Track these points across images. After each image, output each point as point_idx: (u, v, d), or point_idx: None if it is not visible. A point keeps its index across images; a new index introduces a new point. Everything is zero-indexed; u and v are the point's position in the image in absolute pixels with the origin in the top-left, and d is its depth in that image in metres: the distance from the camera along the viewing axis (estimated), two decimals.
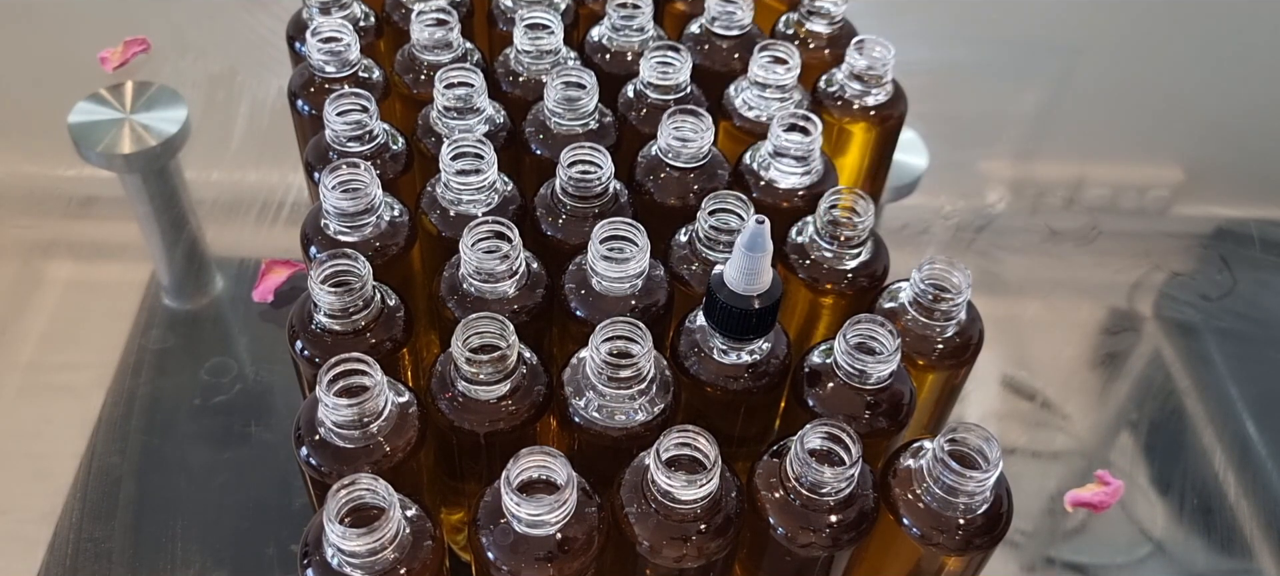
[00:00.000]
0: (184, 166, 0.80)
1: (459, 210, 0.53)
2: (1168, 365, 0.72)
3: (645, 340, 0.44)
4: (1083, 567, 0.62)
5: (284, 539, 0.59)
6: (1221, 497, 0.65)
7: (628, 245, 0.49)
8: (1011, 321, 0.74)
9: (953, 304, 0.50)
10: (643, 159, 0.56)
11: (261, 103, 0.86)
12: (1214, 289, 0.77)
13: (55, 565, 0.58)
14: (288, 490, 0.61)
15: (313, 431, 0.45)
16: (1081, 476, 0.65)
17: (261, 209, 0.77)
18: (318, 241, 0.52)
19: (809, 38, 0.68)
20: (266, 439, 0.64)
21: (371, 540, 0.39)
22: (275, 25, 0.84)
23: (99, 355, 0.68)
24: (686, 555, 0.42)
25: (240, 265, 0.73)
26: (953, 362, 0.52)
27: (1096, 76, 0.98)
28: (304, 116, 0.60)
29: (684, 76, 0.58)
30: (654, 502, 0.42)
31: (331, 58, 0.59)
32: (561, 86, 0.56)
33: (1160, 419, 0.69)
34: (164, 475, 0.62)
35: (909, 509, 0.44)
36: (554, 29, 0.60)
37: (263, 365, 0.67)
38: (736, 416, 0.50)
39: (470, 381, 0.45)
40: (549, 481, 0.41)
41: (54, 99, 0.84)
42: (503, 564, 0.41)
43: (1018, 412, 0.68)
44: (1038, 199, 0.84)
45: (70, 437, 0.63)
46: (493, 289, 0.49)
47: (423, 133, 0.58)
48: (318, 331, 0.48)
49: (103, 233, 0.77)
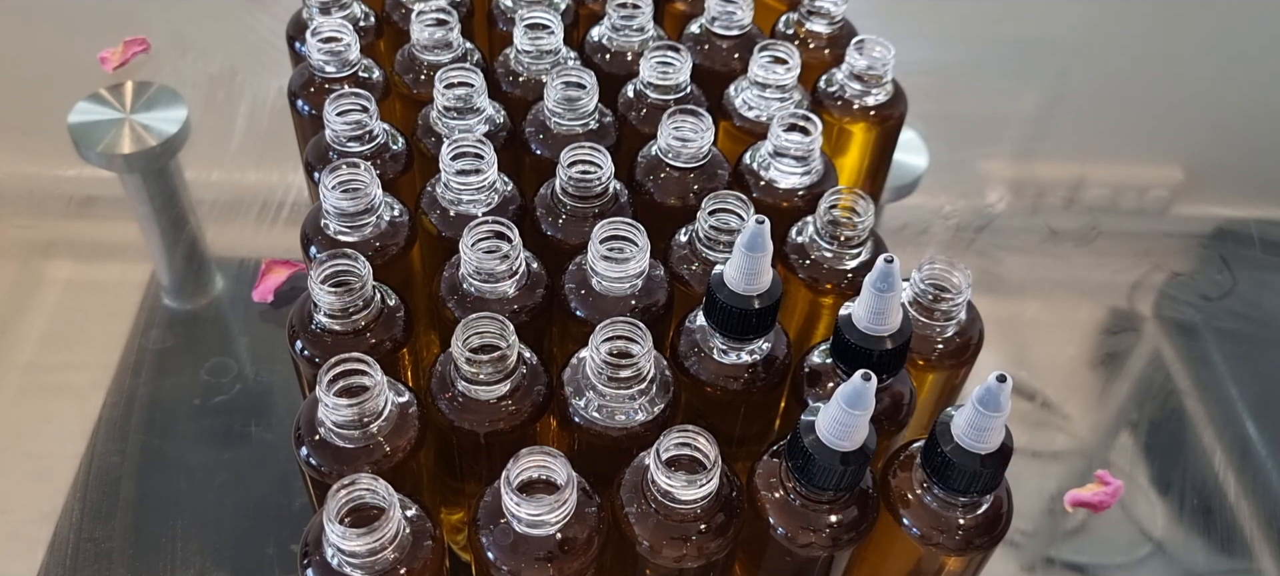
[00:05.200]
0: (184, 166, 0.80)
1: (459, 210, 0.53)
2: (1168, 365, 0.72)
3: (645, 340, 0.44)
4: (1083, 567, 0.62)
5: (284, 539, 0.59)
6: (1221, 497, 0.65)
7: (628, 245, 0.49)
8: (1011, 321, 0.74)
9: (953, 304, 0.50)
10: (643, 159, 0.56)
11: (261, 103, 0.86)
12: (1214, 289, 0.77)
13: (55, 565, 0.58)
14: (288, 490, 0.61)
15: (313, 431, 0.45)
16: (1081, 476, 0.65)
17: (261, 209, 0.77)
18: (318, 241, 0.52)
19: (809, 38, 0.68)
20: (266, 439, 0.64)
21: (371, 540, 0.39)
22: (275, 25, 0.84)
23: (99, 355, 0.68)
24: (686, 555, 0.42)
25: (240, 265, 0.73)
26: (953, 362, 0.52)
27: (1096, 76, 0.98)
28: (304, 116, 0.60)
29: (684, 76, 0.58)
30: (654, 502, 0.42)
31: (331, 58, 0.59)
32: (561, 86, 0.56)
33: (1160, 419, 0.69)
34: (164, 475, 0.62)
35: (909, 509, 0.44)
36: (554, 29, 0.60)
37: (263, 365, 0.67)
38: (736, 416, 0.50)
39: (470, 381, 0.45)
40: (549, 481, 0.41)
41: (54, 99, 0.84)
42: (503, 564, 0.41)
43: (1018, 412, 0.68)
44: (1038, 199, 0.84)
45: (70, 437, 0.63)
46: (493, 289, 0.49)
47: (423, 133, 0.58)
48: (318, 331, 0.48)
49: (103, 233, 0.77)
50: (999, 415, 0.39)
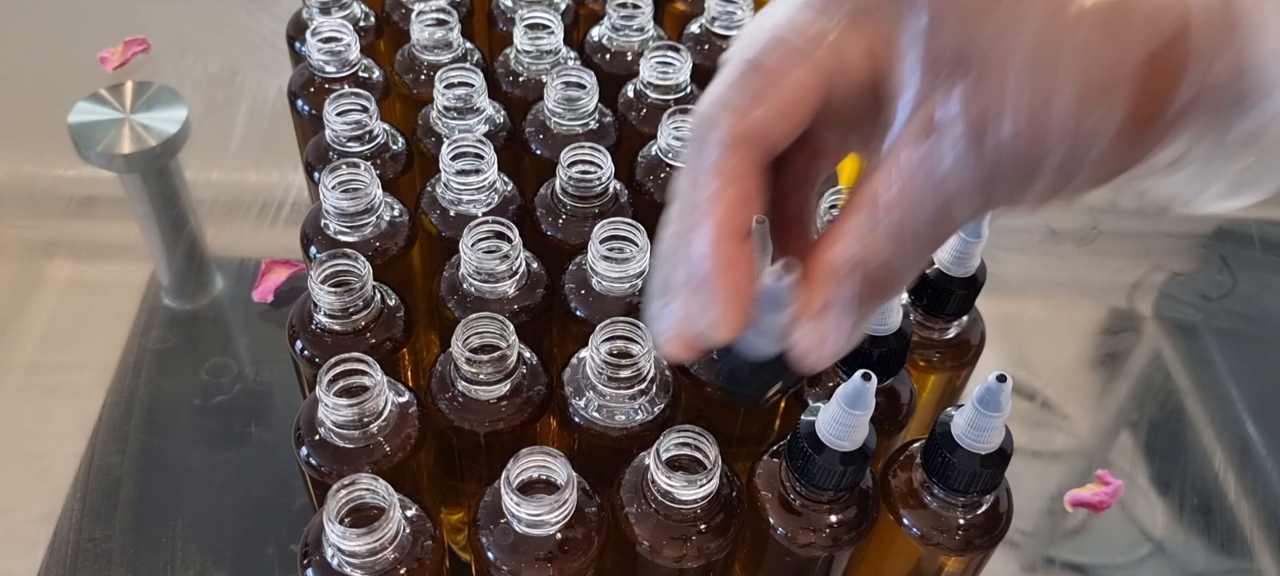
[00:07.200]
0: (184, 166, 0.80)
1: (459, 210, 0.53)
2: (1168, 365, 0.72)
3: (645, 340, 0.44)
4: (1083, 567, 0.62)
5: (284, 539, 0.59)
6: (1221, 497, 0.65)
7: (628, 245, 0.49)
8: (1011, 321, 0.74)
9: None
10: (643, 159, 0.56)
11: (261, 103, 0.86)
12: (1214, 289, 0.77)
13: (55, 565, 0.58)
14: (288, 490, 0.61)
15: (313, 431, 0.45)
16: (1081, 476, 0.65)
17: (261, 209, 0.77)
18: (318, 241, 0.52)
19: None
20: (266, 439, 0.64)
21: (371, 540, 0.39)
22: (275, 25, 0.84)
23: (99, 355, 0.68)
24: (686, 555, 0.42)
25: (240, 265, 0.73)
26: (954, 364, 0.52)
27: None
28: (304, 116, 0.60)
29: (684, 76, 0.58)
30: (654, 502, 0.42)
31: (331, 58, 0.59)
32: (561, 86, 0.56)
33: (1160, 419, 0.69)
34: (164, 475, 0.62)
35: (909, 509, 0.44)
36: (554, 29, 0.60)
37: (263, 365, 0.67)
38: (736, 416, 0.50)
39: (470, 381, 0.45)
40: (549, 481, 0.41)
41: (54, 99, 0.84)
42: (503, 564, 0.41)
43: (1018, 412, 0.68)
44: None
45: (70, 437, 0.63)
46: (493, 289, 0.49)
47: (423, 133, 0.58)
48: (318, 331, 0.48)
49: (103, 233, 0.77)
50: (999, 415, 0.39)
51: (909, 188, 0.27)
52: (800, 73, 0.27)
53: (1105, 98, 0.25)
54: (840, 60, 0.27)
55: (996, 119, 0.25)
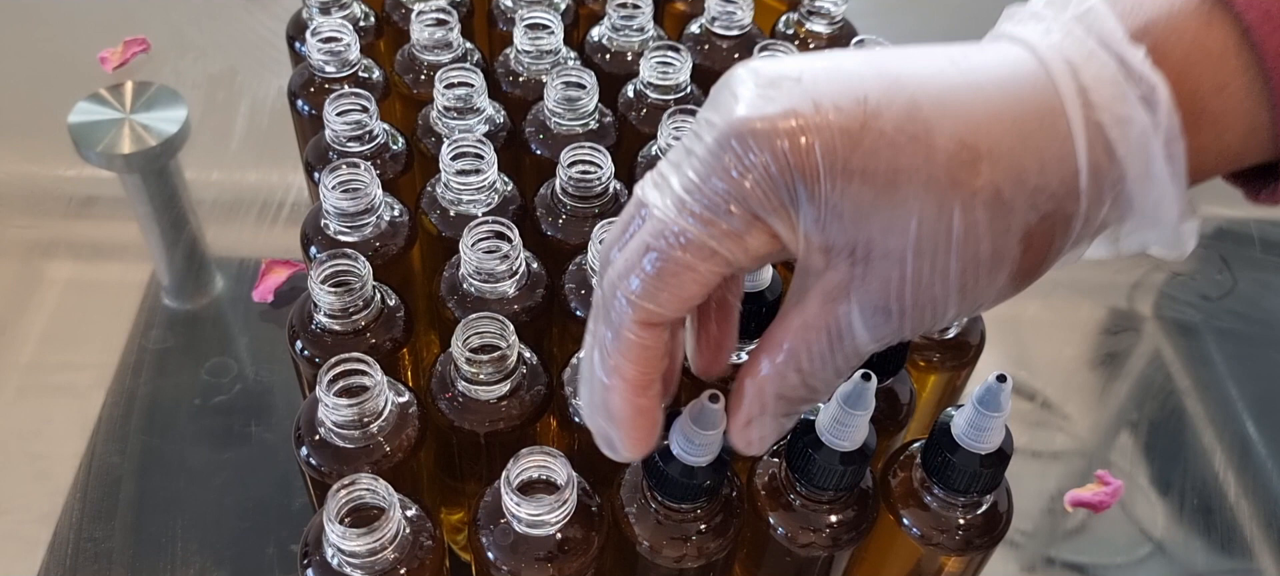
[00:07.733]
0: (184, 166, 0.80)
1: (459, 210, 0.53)
2: (1168, 365, 0.72)
3: None
4: (1083, 567, 0.62)
5: (284, 539, 0.59)
6: (1221, 497, 0.65)
7: None
8: (1011, 321, 0.74)
9: None
10: (643, 159, 0.56)
11: (261, 103, 0.86)
12: (1214, 289, 0.77)
13: (55, 565, 0.58)
14: (288, 490, 0.61)
15: (313, 431, 0.45)
16: (1081, 476, 0.65)
17: (261, 209, 0.77)
18: (318, 241, 0.52)
19: (809, 38, 0.68)
20: (266, 439, 0.64)
21: (371, 540, 0.39)
22: (275, 25, 0.84)
23: (99, 355, 0.68)
24: (686, 555, 0.42)
25: (240, 265, 0.73)
26: (954, 364, 0.52)
27: None
28: (304, 116, 0.60)
29: (684, 76, 0.58)
30: (654, 502, 0.42)
31: (331, 58, 0.59)
32: (561, 86, 0.56)
33: (1160, 419, 0.69)
34: (164, 475, 0.62)
35: (909, 509, 0.44)
36: (554, 29, 0.60)
37: (263, 365, 0.67)
38: None
39: (470, 381, 0.45)
40: (549, 481, 0.41)
41: (54, 99, 0.84)
42: (503, 564, 0.41)
43: (1018, 412, 0.68)
44: None
45: (70, 437, 0.63)
46: (493, 289, 0.49)
47: (423, 133, 0.58)
48: (318, 331, 0.48)
49: (103, 233, 0.77)
50: (999, 415, 0.39)
51: (816, 341, 0.30)
52: (705, 268, 0.29)
53: (993, 270, 0.28)
54: (743, 248, 0.29)
55: (897, 299, 0.28)
